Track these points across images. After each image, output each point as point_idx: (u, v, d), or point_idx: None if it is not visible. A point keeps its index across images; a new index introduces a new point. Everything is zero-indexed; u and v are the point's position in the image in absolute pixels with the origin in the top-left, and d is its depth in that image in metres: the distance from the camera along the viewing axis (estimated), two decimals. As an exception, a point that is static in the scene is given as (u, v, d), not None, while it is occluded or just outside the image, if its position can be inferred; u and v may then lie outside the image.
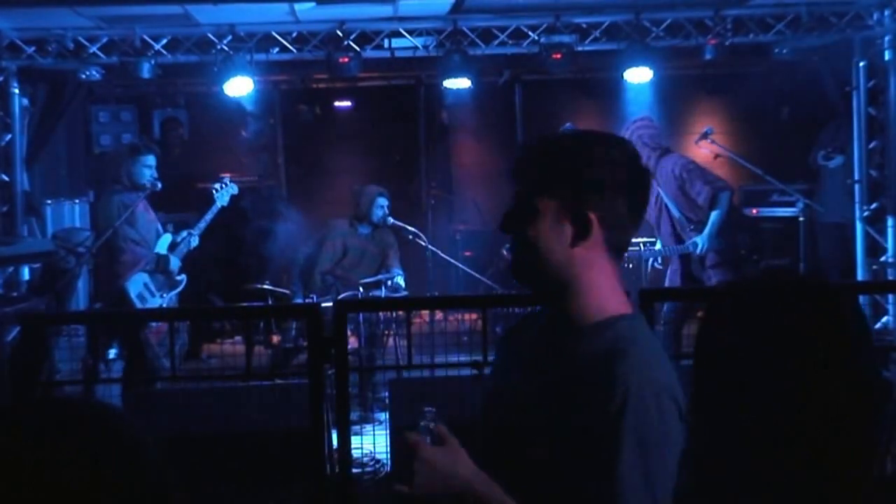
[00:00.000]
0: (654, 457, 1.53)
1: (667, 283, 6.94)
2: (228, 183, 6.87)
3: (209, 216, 6.67)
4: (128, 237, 6.24)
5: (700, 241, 6.65)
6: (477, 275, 7.47)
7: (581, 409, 1.57)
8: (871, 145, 7.77)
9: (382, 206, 7.13)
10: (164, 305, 6.42)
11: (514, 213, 1.72)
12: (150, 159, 6.35)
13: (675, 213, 6.75)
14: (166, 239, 6.54)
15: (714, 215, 6.61)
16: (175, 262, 6.49)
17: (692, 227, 6.73)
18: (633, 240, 7.51)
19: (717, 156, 7.79)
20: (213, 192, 6.77)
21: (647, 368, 1.59)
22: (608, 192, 1.67)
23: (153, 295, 6.36)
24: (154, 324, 6.18)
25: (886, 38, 7.49)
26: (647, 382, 1.56)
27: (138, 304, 6.23)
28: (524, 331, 1.86)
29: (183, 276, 6.59)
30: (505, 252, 7.15)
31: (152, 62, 7.31)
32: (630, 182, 1.70)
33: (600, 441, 1.53)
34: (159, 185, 6.31)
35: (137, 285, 6.28)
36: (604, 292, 1.70)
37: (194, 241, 6.60)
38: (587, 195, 1.67)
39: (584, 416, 1.56)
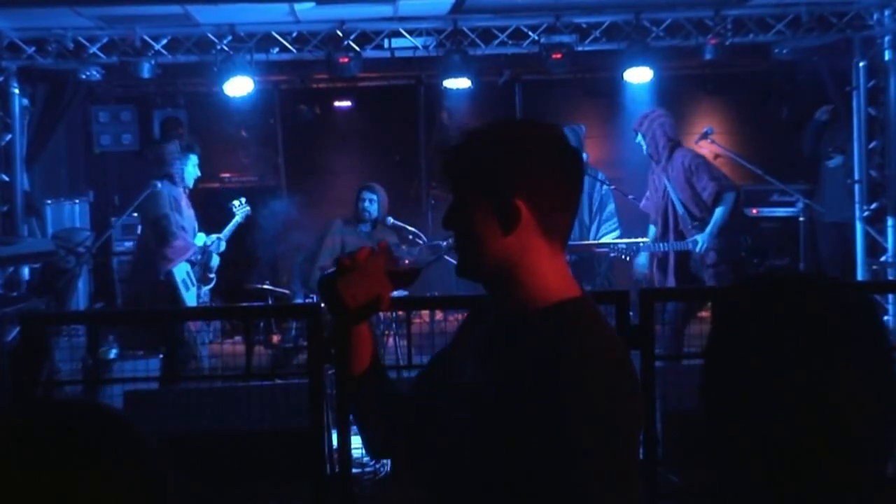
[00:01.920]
0: (614, 433, 1.52)
1: (667, 282, 6.94)
2: (244, 203, 7.36)
3: (232, 227, 7.19)
4: (179, 224, 6.58)
5: (701, 239, 6.65)
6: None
7: (532, 396, 1.54)
8: (871, 145, 7.77)
9: (365, 199, 7.10)
10: (202, 297, 6.84)
11: (451, 210, 1.72)
12: (196, 158, 6.87)
13: (679, 209, 6.75)
14: (200, 238, 6.89)
15: (717, 213, 6.61)
16: (216, 260, 6.94)
17: (694, 224, 6.73)
18: (633, 239, 7.46)
19: (717, 156, 7.80)
20: (233, 207, 7.28)
21: (597, 348, 1.59)
22: (533, 177, 1.65)
23: (193, 284, 6.71)
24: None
25: (886, 38, 7.49)
26: (599, 361, 1.56)
27: (182, 290, 6.55)
28: (481, 317, 1.84)
29: (214, 276, 6.99)
30: None
31: (152, 62, 7.31)
32: (556, 163, 1.68)
33: (555, 427, 1.49)
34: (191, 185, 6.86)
35: (181, 272, 6.61)
36: (546, 278, 1.68)
37: (222, 246, 7.05)
38: (512, 182, 1.64)
39: (536, 402, 1.53)
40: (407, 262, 1.83)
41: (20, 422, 0.99)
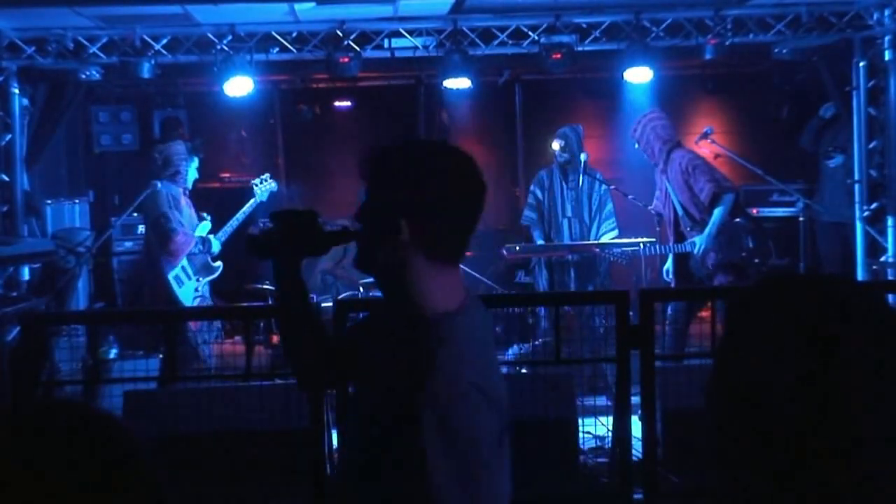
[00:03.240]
0: (465, 448, 1.63)
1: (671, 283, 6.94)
2: (269, 179, 7.26)
3: (248, 209, 7.06)
4: (179, 221, 6.60)
5: (699, 241, 6.65)
6: (477, 275, 7.47)
7: (398, 407, 1.69)
8: (871, 145, 7.77)
9: None
10: (199, 290, 6.79)
11: (362, 205, 1.86)
12: (198, 162, 6.91)
13: (679, 210, 6.75)
14: (205, 226, 6.90)
15: (715, 214, 6.61)
16: (217, 245, 6.88)
17: (691, 226, 6.73)
18: (633, 239, 7.46)
19: (717, 156, 7.79)
20: (254, 186, 7.18)
21: (459, 365, 1.70)
22: (423, 201, 1.78)
23: (189, 278, 6.69)
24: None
25: (886, 38, 7.48)
26: (457, 380, 1.67)
27: (174, 286, 6.54)
28: (379, 315, 2.05)
29: (219, 264, 6.93)
30: (505, 252, 7.15)
31: (152, 62, 7.31)
32: (451, 193, 1.80)
33: (415, 435, 1.62)
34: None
35: (175, 267, 6.60)
36: (427, 292, 1.81)
37: (231, 229, 7.01)
38: (400, 202, 1.78)
39: (401, 411, 1.67)
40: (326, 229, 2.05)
41: (14, 423, 0.99)
